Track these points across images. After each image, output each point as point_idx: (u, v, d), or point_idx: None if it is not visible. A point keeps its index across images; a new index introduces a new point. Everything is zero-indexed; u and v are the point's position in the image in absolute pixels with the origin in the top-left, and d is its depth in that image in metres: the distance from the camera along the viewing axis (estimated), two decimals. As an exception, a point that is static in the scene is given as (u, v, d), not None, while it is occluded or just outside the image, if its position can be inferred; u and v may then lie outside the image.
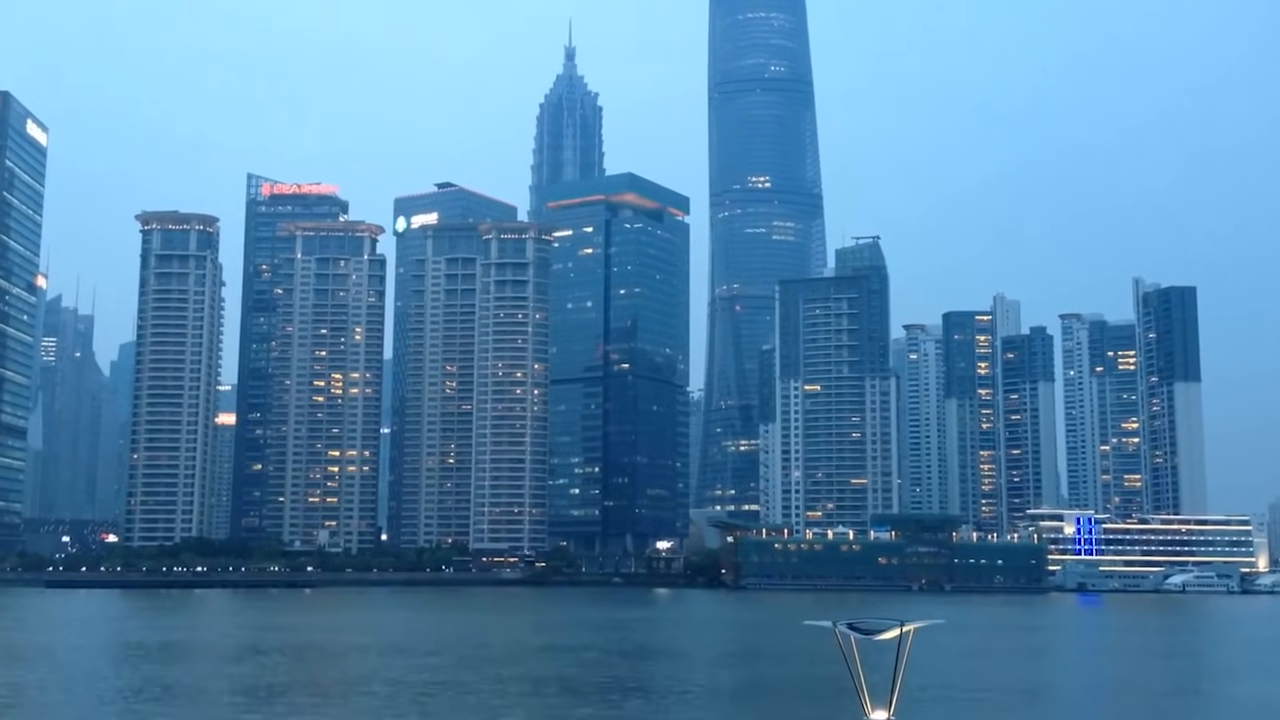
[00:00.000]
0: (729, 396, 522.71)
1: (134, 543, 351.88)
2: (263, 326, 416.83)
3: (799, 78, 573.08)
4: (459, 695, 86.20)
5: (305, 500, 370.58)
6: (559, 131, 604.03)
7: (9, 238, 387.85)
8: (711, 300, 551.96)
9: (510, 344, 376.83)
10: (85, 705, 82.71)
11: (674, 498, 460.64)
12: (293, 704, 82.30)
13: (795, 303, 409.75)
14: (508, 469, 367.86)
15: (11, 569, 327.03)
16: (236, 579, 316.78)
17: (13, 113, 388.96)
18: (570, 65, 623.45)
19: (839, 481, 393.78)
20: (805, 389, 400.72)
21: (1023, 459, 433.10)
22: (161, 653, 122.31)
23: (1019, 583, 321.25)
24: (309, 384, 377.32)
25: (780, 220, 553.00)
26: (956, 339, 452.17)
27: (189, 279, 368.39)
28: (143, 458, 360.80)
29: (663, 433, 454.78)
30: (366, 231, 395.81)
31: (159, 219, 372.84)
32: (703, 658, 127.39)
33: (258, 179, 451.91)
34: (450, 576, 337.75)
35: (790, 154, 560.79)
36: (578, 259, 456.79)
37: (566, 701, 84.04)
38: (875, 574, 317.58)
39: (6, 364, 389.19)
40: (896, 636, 25.90)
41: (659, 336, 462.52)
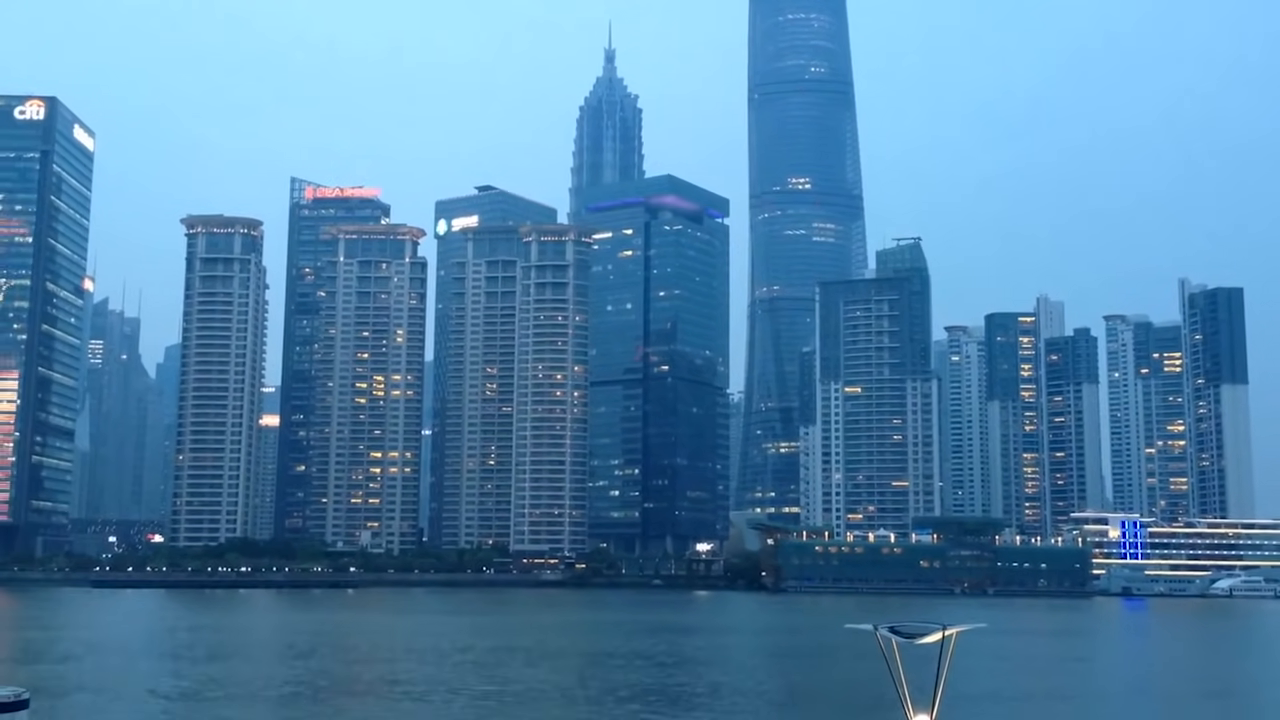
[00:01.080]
0: (769, 398, 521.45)
1: (179, 543, 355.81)
2: (306, 329, 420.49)
3: (839, 79, 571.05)
4: (500, 701, 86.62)
5: (348, 501, 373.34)
6: (599, 134, 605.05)
7: (56, 242, 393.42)
8: (751, 302, 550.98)
9: (550, 346, 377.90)
10: (132, 703, 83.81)
11: (714, 500, 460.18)
12: (339, 707, 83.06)
13: (836, 304, 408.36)
14: (548, 471, 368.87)
15: (59, 569, 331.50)
16: (280, 579, 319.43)
17: (60, 118, 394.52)
18: (610, 67, 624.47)
19: (880, 484, 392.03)
20: (846, 391, 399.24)
21: (1067, 462, 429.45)
22: (219, 652, 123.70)
23: (1063, 586, 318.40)
24: (351, 386, 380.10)
25: (820, 222, 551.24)
26: (999, 340, 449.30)
27: (233, 282, 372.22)
28: (188, 459, 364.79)
29: (702, 435, 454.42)
30: (408, 234, 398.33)
31: (204, 223, 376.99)
32: (744, 661, 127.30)
33: (301, 182, 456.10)
34: (491, 578, 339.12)
35: (830, 155, 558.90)
36: (617, 261, 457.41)
37: (605, 704, 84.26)
38: (917, 577, 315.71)
39: (54, 366, 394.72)
40: (939, 640, 25.90)
41: (699, 338, 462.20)
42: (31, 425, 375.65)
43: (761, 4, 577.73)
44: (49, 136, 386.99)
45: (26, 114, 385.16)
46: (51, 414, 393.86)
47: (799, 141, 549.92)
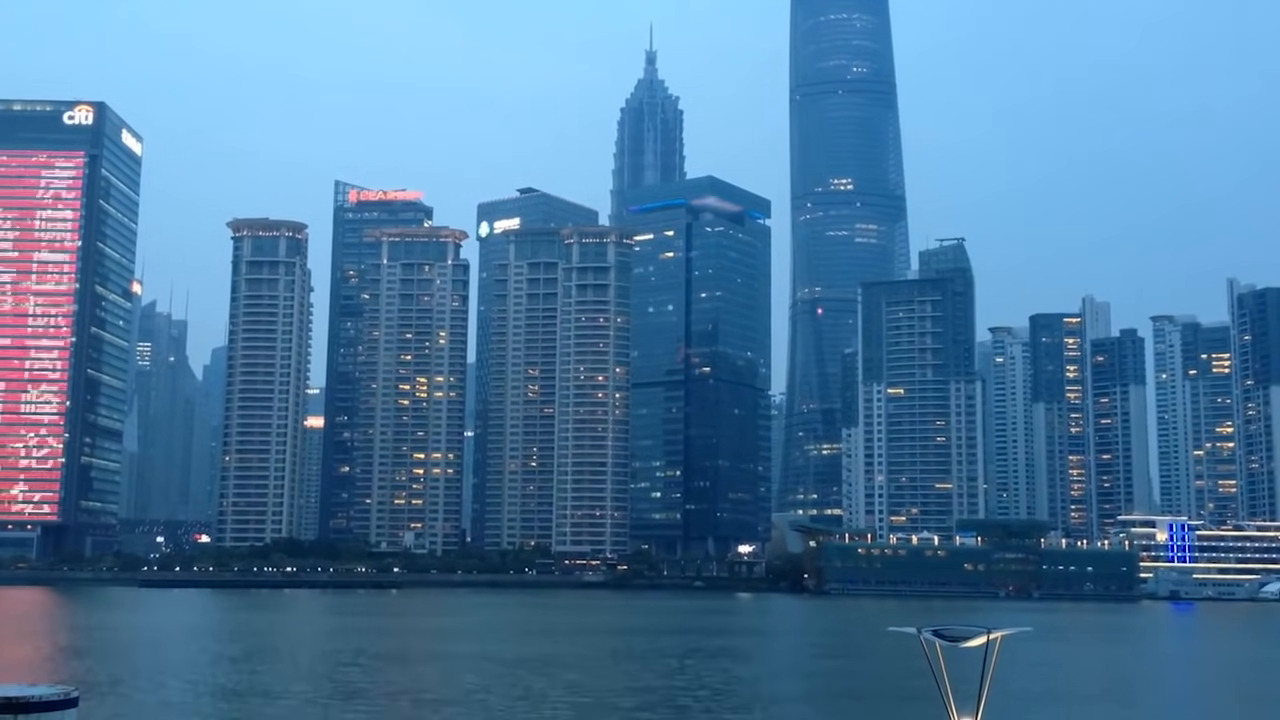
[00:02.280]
0: (811, 400, 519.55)
1: (226, 543, 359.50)
2: (350, 331, 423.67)
3: (882, 79, 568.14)
4: (536, 705, 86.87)
5: (391, 502, 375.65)
6: (640, 135, 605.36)
7: (105, 245, 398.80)
8: (793, 303, 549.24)
9: (592, 347, 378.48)
10: (180, 702, 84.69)
11: (755, 501, 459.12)
12: (385, 709, 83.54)
13: (878, 305, 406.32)
14: (589, 472, 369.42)
15: (108, 569, 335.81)
16: (324, 579, 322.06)
17: (109, 123, 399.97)
18: (651, 69, 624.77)
19: (923, 486, 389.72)
20: (889, 392, 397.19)
21: (1113, 464, 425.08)
22: (266, 652, 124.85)
23: (1109, 590, 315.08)
24: (394, 388, 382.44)
25: (863, 222, 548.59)
26: (1044, 342, 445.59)
27: (279, 285, 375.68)
28: (234, 460, 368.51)
29: (744, 436, 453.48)
30: (450, 237, 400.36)
31: (249, 226, 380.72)
32: (787, 663, 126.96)
33: (345, 186, 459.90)
34: (533, 579, 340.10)
35: (873, 156, 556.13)
36: (659, 262, 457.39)
37: (647, 705, 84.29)
38: (961, 580, 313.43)
39: (103, 368, 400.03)
40: (983, 644, 25.72)
41: (740, 340, 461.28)
42: (80, 427, 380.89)
43: (803, 4, 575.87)
44: (97, 141, 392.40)
45: (76, 119, 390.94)
46: (100, 415, 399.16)
47: (841, 142, 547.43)
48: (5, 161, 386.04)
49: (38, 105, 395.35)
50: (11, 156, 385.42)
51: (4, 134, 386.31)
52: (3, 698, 17.29)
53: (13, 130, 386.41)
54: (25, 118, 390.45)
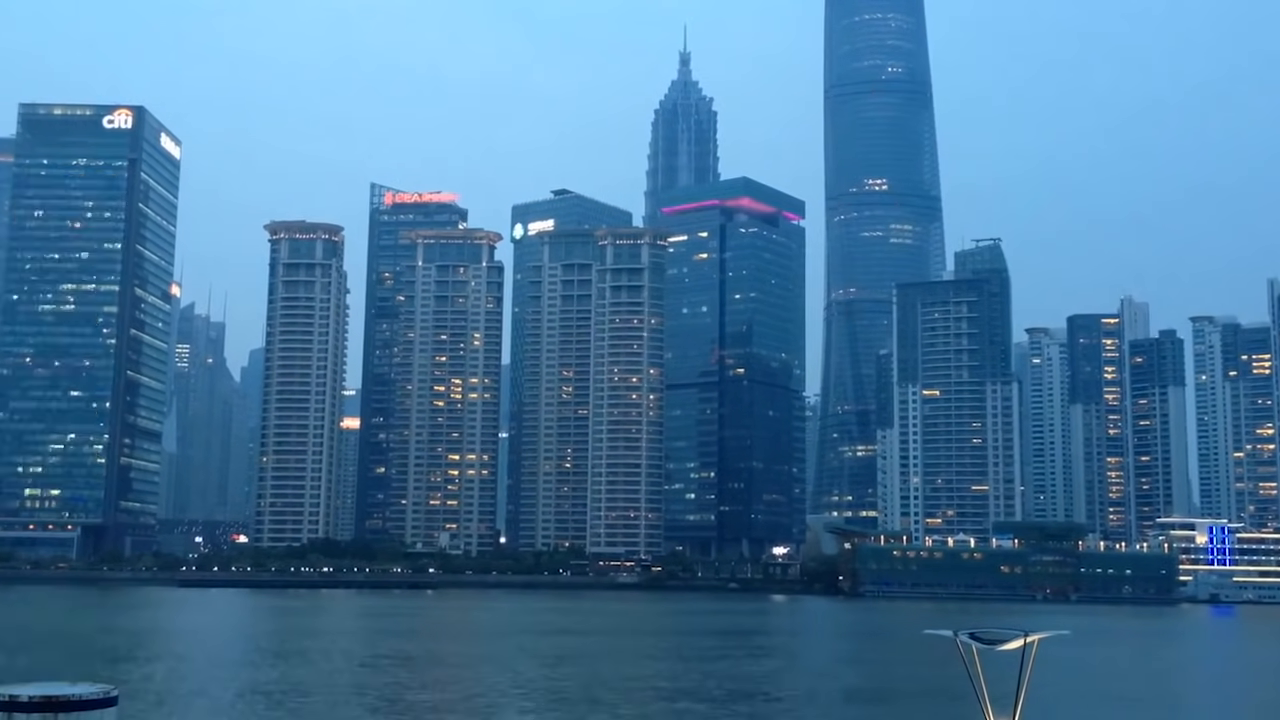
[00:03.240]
0: (845, 401, 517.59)
1: (263, 543, 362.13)
2: (385, 333, 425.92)
3: (917, 79, 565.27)
4: (570, 705, 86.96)
5: (426, 503, 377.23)
6: (674, 137, 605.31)
7: (144, 248, 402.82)
8: (827, 304, 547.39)
9: (626, 349, 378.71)
10: (218, 701, 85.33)
11: (790, 503, 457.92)
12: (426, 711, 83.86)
13: (913, 306, 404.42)
14: (624, 473, 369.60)
15: (147, 568, 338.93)
16: (361, 580, 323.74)
17: (147, 127, 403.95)
18: (685, 71, 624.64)
19: (959, 488, 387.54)
20: (924, 394, 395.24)
21: (1152, 466, 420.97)
22: (304, 653, 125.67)
23: (1148, 593, 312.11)
24: (430, 389, 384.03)
25: (898, 223, 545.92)
26: (1082, 343, 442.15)
27: (315, 287, 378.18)
28: (271, 461, 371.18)
29: (778, 438, 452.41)
30: (485, 239, 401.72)
31: (286, 229, 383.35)
32: (822, 664, 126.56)
33: (380, 188, 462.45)
34: (567, 580, 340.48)
35: (908, 156, 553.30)
36: (693, 264, 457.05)
37: (684, 705, 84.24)
38: (997, 583, 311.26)
39: (143, 370, 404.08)
40: (1020, 647, 25.52)
41: (774, 341, 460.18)
42: (120, 428, 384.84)
43: (837, 4, 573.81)
44: (137, 145, 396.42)
45: (115, 123, 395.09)
46: (140, 416, 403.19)
47: (876, 142, 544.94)
48: (46, 165, 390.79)
49: (78, 109, 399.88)
50: (53, 160, 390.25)
51: (45, 138, 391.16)
52: (43, 696, 17.45)
53: (53, 134, 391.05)
54: (65, 122, 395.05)
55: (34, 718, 17.25)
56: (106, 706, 17.91)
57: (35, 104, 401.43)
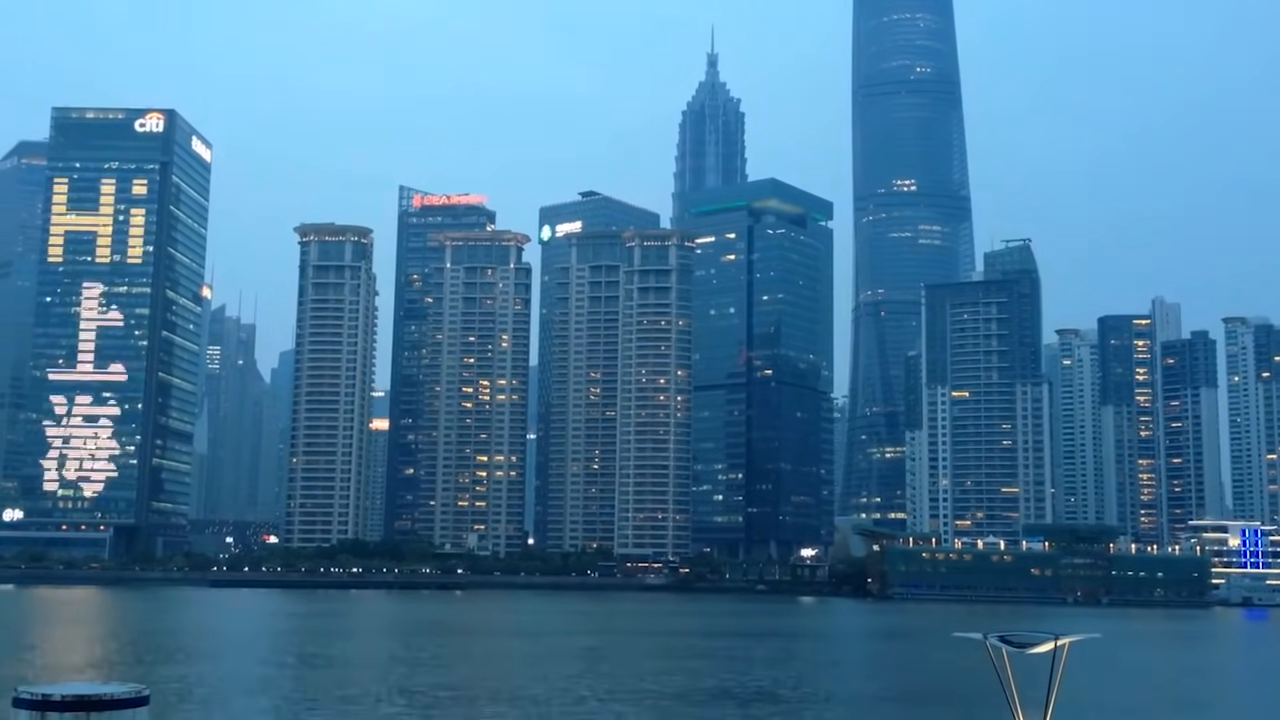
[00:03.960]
0: (874, 403, 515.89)
1: (293, 544, 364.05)
2: (414, 334, 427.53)
3: (946, 79, 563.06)
4: (606, 705, 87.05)
5: (455, 504, 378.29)
6: (701, 138, 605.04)
7: (176, 251, 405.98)
8: (856, 306, 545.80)
9: (653, 350, 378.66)
10: (250, 701, 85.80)
11: (818, 505, 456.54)
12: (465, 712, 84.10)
13: (942, 307, 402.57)
14: (651, 475, 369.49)
15: (178, 569, 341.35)
16: (390, 580, 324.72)
17: (179, 131, 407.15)
18: (713, 72, 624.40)
19: (989, 490, 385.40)
20: (953, 395, 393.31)
21: (1184, 468, 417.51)
22: (337, 653, 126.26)
23: (1180, 596, 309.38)
24: (458, 390, 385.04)
25: (926, 224, 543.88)
26: (1113, 344, 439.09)
27: (344, 289, 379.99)
28: (301, 462, 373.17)
29: (807, 439, 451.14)
30: (513, 241, 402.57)
31: (316, 231, 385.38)
32: (851, 666, 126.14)
33: (409, 191, 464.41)
34: (595, 581, 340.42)
35: (936, 156, 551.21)
36: (720, 265, 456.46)
37: (716, 707, 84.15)
38: (1028, 585, 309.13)
39: (174, 371, 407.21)
40: (1050, 650, 25.36)
41: (802, 342, 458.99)
42: (152, 429, 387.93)
43: (865, 5, 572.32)
44: (168, 148, 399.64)
45: (147, 126, 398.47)
46: (171, 418, 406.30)
47: (904, 143, 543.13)
48: (79, 168, 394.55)
49: (110, 113, 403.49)
50: (85, 163, 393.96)
51: (78, 141, 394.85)
52: (75, 695, 17.60)
53: (86, 137, 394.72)
54: (98, 125, 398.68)
55: (66, 717, 17.39)
56: (138, 706, 18.04)
57: (68, 108, 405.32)
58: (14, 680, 53.87)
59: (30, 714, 17.50)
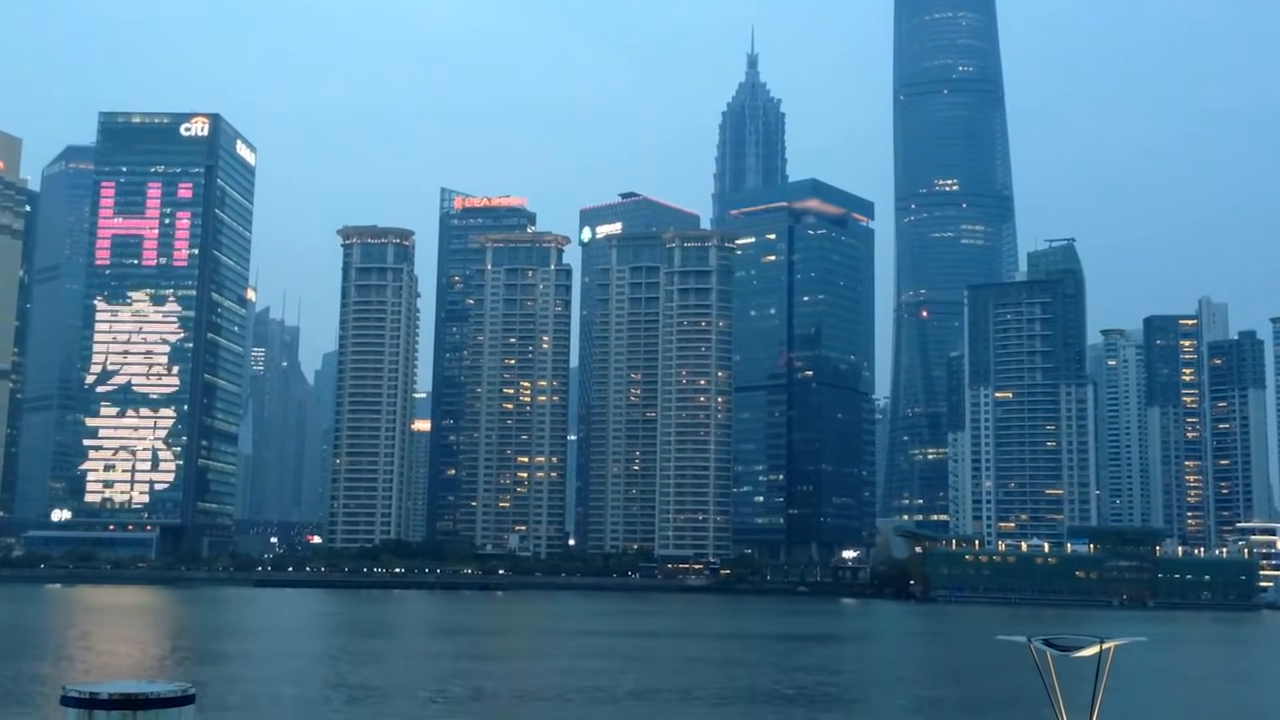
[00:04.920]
0: (916, 404, 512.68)
1: (336, 544, 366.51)
2: (455, 336, 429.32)
3: (988, 78, 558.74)
4: (643, 705, 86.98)
5: (496, 505, 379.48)
6: (741, 139, 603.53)
7: (221, 253, 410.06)
8: (897, 306, 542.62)
9: (694, 351, 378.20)
10: (293, 700, 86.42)
11: (860, 506, 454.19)
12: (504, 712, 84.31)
13: (985, 308, 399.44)
14: (692, 476, 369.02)
15: (223, 569, 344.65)
16: (432, 580, 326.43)
17: (223, 134, 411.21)
18: (753, 73, 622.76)
19: (1033, 492, 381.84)
20: (996, 396, 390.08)
21: (1231, 470, 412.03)
22: (380, 654, 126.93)
23: (1227, 599, 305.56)
24: (499, 391, 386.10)
25: (969, 224, 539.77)
26: (1159, 344, 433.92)
27: (387, 291, 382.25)
28: (344, 463, 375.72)
29: (848, 440, 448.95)
30: (553, 242, 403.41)
31: (358, 233, 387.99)
32: (894, 670, 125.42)
33: (450, 193, 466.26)
34: (636, 582, 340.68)
35: (979, 155, 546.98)
36: (761, 266, 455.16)
37: (751, 711, 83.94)
38: (1072, 588, 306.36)
39: (219, 373, 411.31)
40: (1095, 654, 25.12)
41: (843, 343, 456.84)
42: (198, 430, 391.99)
43: (907, 4, 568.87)
44: (213, 152, 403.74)
45: (192, 130, 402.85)
46: (217, 419, 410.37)
47: (946, 142, 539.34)
48: (126, 172, 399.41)
49: (156, 118, 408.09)
50: (132, 168, 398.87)
51: (124, 145, 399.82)
52: (122, 694, 17.79)
53: (132, 142, 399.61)
54: (144, 130, 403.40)
55: (114, 716, 17.58)
56: (184, 704, 18.20)
57: (114, 112, 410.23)
58: (62, 679, 54.59)
59: (78, 712, 17.71)
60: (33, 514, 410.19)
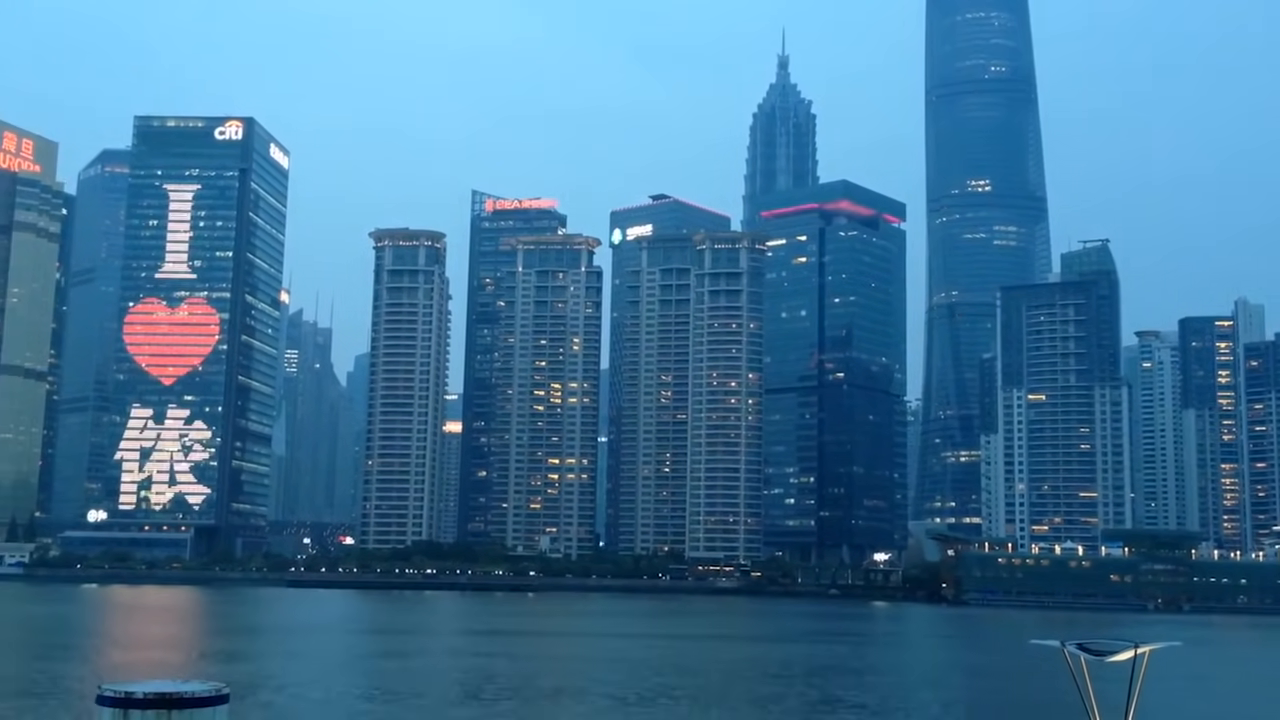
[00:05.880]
0: (948, 406, 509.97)
1: (369, 545, 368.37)
2: (486, 338, 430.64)
3: (1021, 78, 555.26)
4: (666, 707, 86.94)
5: (527, 506, 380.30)
6: (772, 140, 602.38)
7: (254, 256, 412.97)
8: (929, 308, 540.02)
9: (724, 353, 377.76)
10: (328, 699, 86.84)
11: (891, 509, 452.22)
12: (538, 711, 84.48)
13: (1018, 309, 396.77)
14: (722, 478, 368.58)
15: (257, 569, 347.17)
16: (463, 582, 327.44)
17: (257, 138, 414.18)
18: (783, 74, 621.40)
19: (1066, 495, 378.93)
20: (1029, 398, 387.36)
21: (1269, 473, 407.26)
22: (414, 653, 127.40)
23: (1264, 604, 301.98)
24: (530, 393, 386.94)
25: (1001, 224, 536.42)
26: (1194, 346, 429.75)
27: (418, 293, 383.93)
28: (377, 464, 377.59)
29: (879, 443, 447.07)
30: (584, 244, 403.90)
31: (390, 236, 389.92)
32: (926, 674, 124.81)
33: (481, 195, 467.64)
34: (666, 584, 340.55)
35: (1012, 156, 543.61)
36: (791, 268, 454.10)
37: (784, 716, 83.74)
38: (1106, 592, 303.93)
39: (253, 375, 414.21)
40: (1130, 659, 24.89)
41: (875, 345, 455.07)
42: (232, 431, 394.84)
43: (939, 4, 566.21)
44: (247, 155, 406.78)
45: (226, 134, 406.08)
46: (251, 421, 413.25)
47: (978, 143, 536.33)
48: (161, 176, 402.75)
49: (191, 121, 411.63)
50: (167, 171, 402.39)
51: (159, 149, 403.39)
52: (156, 693, 17.94)
53: (167, 145, 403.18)
54: (179, 133, 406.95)
55: (149, 715, 17.73)
56: (218, 704, 18.34)
57: (150, 116, 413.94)
58: (98, 678, 55.04)
59: (113, 711, 17.87)
60: (69, 515, 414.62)
